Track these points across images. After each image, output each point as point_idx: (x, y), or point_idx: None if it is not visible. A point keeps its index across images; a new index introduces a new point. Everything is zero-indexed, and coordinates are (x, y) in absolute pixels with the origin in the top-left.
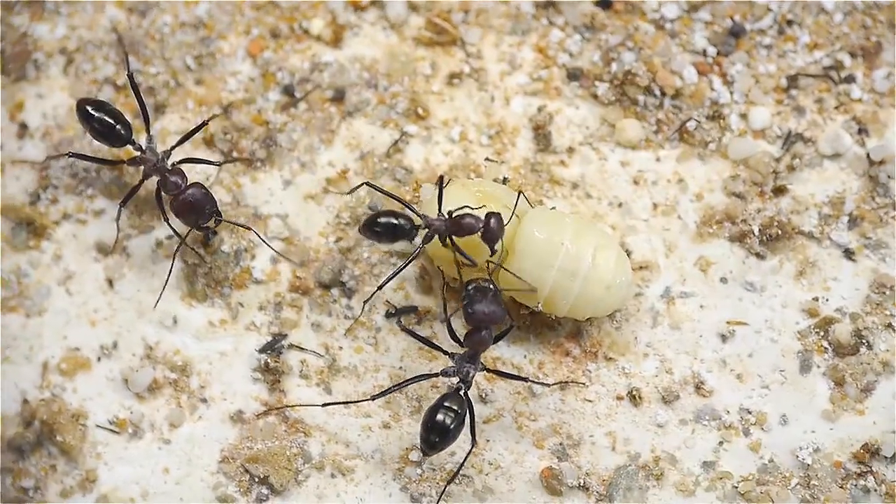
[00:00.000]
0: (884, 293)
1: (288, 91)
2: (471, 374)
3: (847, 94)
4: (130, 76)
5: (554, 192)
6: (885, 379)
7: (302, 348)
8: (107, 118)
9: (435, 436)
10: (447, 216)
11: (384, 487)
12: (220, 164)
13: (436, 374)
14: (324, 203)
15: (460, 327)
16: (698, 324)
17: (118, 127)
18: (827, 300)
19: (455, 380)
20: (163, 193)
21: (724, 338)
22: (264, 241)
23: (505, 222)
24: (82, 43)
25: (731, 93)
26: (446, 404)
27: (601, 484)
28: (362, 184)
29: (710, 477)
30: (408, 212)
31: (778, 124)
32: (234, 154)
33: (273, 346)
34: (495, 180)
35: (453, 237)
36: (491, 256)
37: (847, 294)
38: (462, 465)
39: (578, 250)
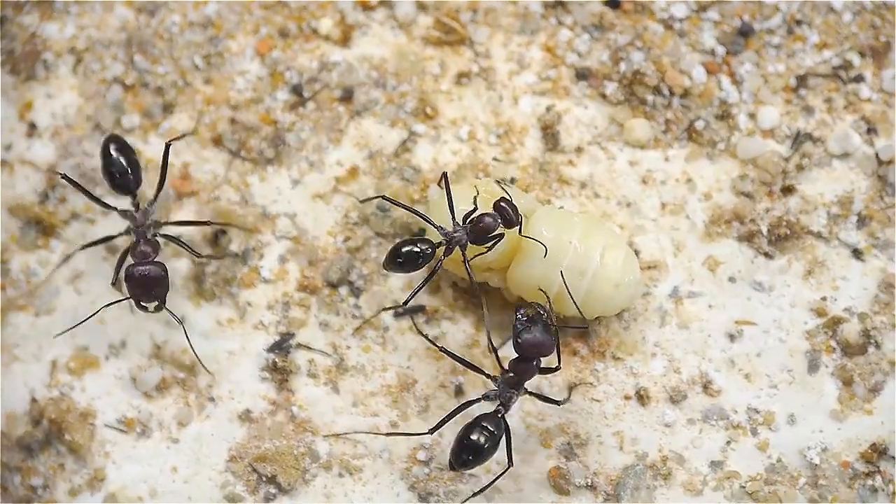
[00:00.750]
0: (892, 293)
1: (296, 90)
2: (513, 400)
3: (856, 94)
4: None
5: (562, 191)
6: (892, 379)
7: (310, 348)
8: (123, 162)
9: (468, 454)
10: (462, 224)
11: (392, 487)
12: (202, 256)
13: (477, 400)
14: (332, 202)
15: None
16: (706, 323)
17: (130, 176)
18: (835, 300)
19: (496, 403)
20: (128, 256)
21: (732, 337)
22: (188, 341)
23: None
24: (91, 42)
25: (740, 92)
26: (483, 424)
27: (609, 483)
28: (378, 196)
29: (718, 476)
30: (426, 228)
31: (787, 124)
32: (243, 153)
33: (281, 346)
34: (502, 180)
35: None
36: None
37: (855, 294)
38: (493, 482)
39: (587, 249)
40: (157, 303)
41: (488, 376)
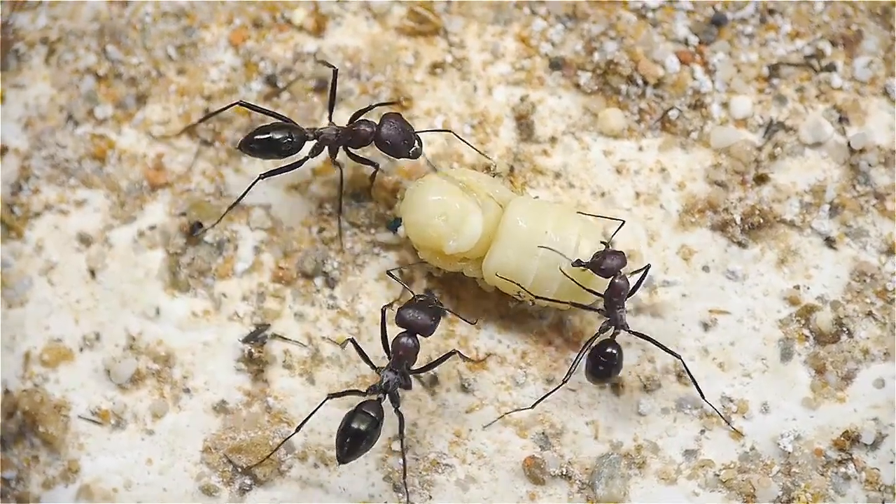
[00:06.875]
0: (864, 281)
1: (271, 81)
2: (390, 384)
3: (828, 83)
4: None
5: (537, 181)
6: (865, 367)
7: (285, 338)
8: (279, 134)
9: (346, 438)
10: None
11: (367, 477)
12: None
13: (363, 393)
14: (307, 193)
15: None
16: (680, 312)
17: (293, 134)
18: (808, 288)
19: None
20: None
21: (705, 326)
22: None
23: (486, 212)
24: (64, 33)
25: (713, 82)
26: (364, 410)
27: (584, 472)
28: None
29: (692, 465)
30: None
31: (759, 113)
32: (216, 144)
33: (256, 337)
34: (485, 169)
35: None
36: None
37: (828, 282)
38: (404, 466)
39: (562, 239)
40: (416, 139)
41: (374, 367)
